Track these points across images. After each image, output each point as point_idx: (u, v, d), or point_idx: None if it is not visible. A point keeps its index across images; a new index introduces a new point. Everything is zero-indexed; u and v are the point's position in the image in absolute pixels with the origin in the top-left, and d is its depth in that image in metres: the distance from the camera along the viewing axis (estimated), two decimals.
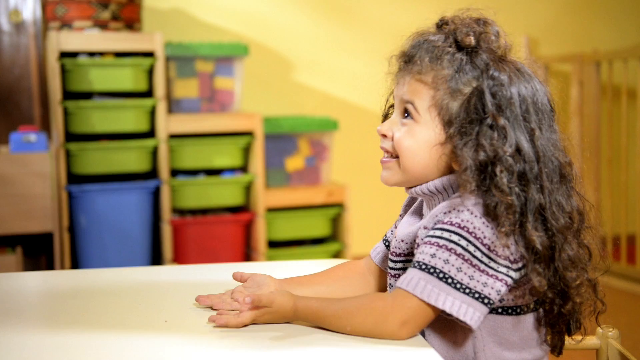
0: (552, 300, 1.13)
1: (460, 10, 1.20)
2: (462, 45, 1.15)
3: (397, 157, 1.19)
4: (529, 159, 1.11)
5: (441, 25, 1.19)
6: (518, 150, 1.11)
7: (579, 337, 1.20)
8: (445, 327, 1.13)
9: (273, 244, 3.57)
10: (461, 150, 1.11)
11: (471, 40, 1.15)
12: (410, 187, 1.21)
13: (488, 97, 1.12)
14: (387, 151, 1.21)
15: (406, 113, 1.18)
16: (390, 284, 1.25)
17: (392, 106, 1.25)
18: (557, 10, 4.46)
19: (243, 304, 1.15)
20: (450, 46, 1.15)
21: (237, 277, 1.30)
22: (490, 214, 1.08)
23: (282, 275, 1.33)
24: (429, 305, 1.07)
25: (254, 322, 1.15)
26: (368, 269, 1.35)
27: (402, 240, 1.21)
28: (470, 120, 1.12)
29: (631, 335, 2.96)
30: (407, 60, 1.19)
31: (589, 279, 1.15)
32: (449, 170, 1.16)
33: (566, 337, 1.20)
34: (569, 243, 1.12)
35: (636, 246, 3.80)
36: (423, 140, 1.16)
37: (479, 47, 1.15)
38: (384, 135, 1.21)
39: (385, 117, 1.27)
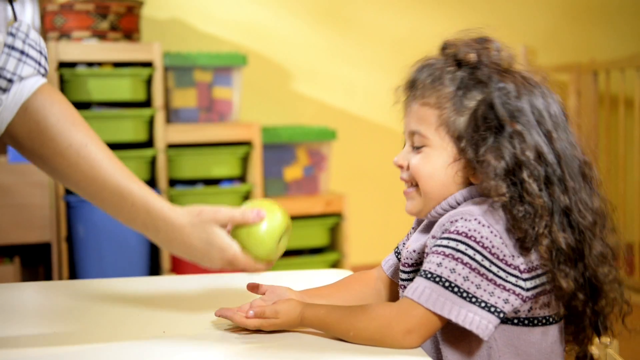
0: (584, 301, 1.13)
1: (461, 31, 1.21)
2: (464, 63, 1.16)
3: (417, 185, 1.20)
4: (550, 162, 1.11)
5: (444, 48, 1.20)
6: (538, 154, 1.11)
7: (608, 339, 1.20)
8: (459, 337, 1.12)
9: None
10: (483, 156, 1.11)
11: (472, 56, 1.16)
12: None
13: (499, 107, 1.12)
14: (406, 181, 1.21)
15: (416, 143, 1.19)
16: (402, 295, 1.24)
17: None
18: (554, 20, 4.47)
19: (247, 317, 1.15)
20: (451, 66, 1.16)
21: (251, 288, 1.28)
22: (518, 224, 1.08)
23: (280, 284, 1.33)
24: (434, 314, 1.07)
25: (260, 329, 1.15)
26: (379, 279, 1.35)
27: (414, 251, 1.21)
28: (481, 131, 1.12)
29: (630, 345, 2.96)
30: (411, 86, 1.20)
31: (618, 277, 1.15)
32: (466, 184, 1.17)
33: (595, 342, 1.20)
34: (597, 239, 1.13)
35: (634, 256, 3.80)
36: (438, 162, 1.16)
37: (481, 62, 1.16)
38: (400, 166, 1.21)
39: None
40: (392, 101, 1.23)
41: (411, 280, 1.21)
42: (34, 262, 3.42)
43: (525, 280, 1.08)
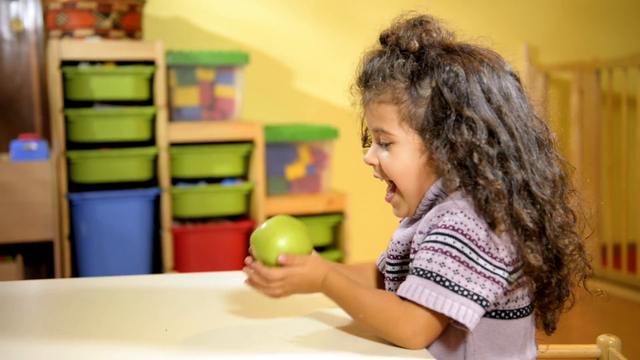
0: (549, 272, 1.14)
1: (395, 18, 1.20)
2: (409, 52, 1.15)
3: (393, 186, 1.20)
4: (503, 139, 1.11)
5: (384, 39, 1.19)
6: (491, 133, 1.11)
7: (569, 305, 1.20)
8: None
9: None
10: (435, 153, 1.12)
11: (414, 44, 1.15)
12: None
13: (446, 92, 1.12)
14: (380, 178, 1.21)
15: (382, 140, 1.19)
16: (389, 287, 1.25)
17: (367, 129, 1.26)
18: (557, 19, 4.47)
19: (278, 261, 1.13)
20: (397, 58, 1.16)
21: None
22: (483, 208, 1.08)
23: None
24: (437, 315, 1.08)
25: (282, 293, 1.14)
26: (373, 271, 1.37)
27: (398, 242, 1.22)
28: (436, 121, 1.13)
29: (632, 343, 2.96)
30: (364, 84, 1.20)
31: (579, 243, 1.15)
32: (439, 176, 1.17)
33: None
34: (557, 210, 1.12)
35: (637, 254, 3.79)
36: (407, 157, 1.17)
37: (424, 47, 1.15)
38: (372, 164, 1.21)
39: (365, 139, 1.28)
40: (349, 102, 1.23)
41: (397, 272, 1.23)
42: (37, 260, 3.42)
43: (510, 273, 1.09)
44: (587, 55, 4.34)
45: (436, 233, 1.10)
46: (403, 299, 1.09)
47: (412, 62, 1.15)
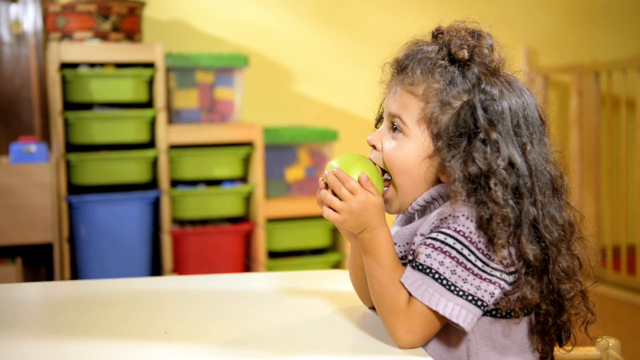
0: (546, 312, 1.14)
1: (457, 21, 1.20)
2: (455, 58, 1.15)
3: (389, 181, 1.20)
4: (522, 173, 1.12)
5: (437, 35, 1.20)
6: (511, 164, 1.11)
7: (569, 347, 1.20)
8: (439, 331, 1.13)
9: (273, 255, 3.57)
10: (449, 162, 1.12)
11: (464, 53, 1.15)
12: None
13: (480, 112, 1.12)
14: (374, 162, 1.21)
15: (394, 126, 1.19)
16: None
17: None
18: (556, 21, 4.47)
19: (360, 181, 1.14)
20: (443, 58, 1.16)
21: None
22: (484, 226, 1.09)
23: (282, 287, 1.33)
24: (435, 314, 1.08)
25: (342, 209, 1.13)
26: None
27: (395, 243, 1.21)
28: (459, 133, 1.13)
29: (631, 345, 2.96)
30: (400, 70, 1.20)
31: (582, 290, 1.16)
32: (437, 182, 1.17)
33: (556, 347, 1.20)
34: (562, 255, 1.13)
35: (636, 256, 3.79)
36: (412, 154, 1.17)
37: (472, 60, 1.16)
38: (373, 146, 1.21)
39: (378, 120, 1.27)
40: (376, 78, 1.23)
41: None
42: (36, 263, 3.42)
43: (509, 274, 1.10)
44: (587, 58, 4.35)
45: (437, 232, 1.11)
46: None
47: (455, 69, 1.15)
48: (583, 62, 4.17)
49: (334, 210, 1.14)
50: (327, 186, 1.17)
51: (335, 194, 1.14)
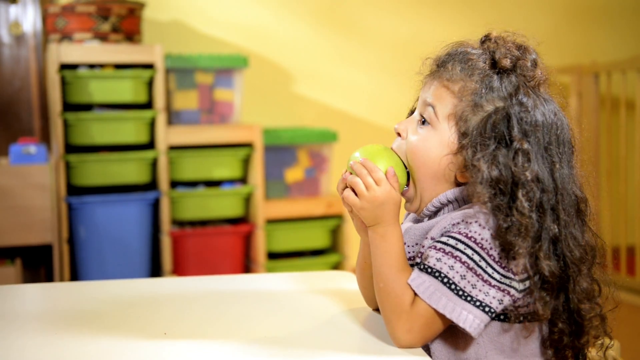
0: (561, 330, 1.14)
1: (506, 31, 1.22)
2: (497, 65, 1.16)
3: (408, 181, 1.20)
4: (547, 189, 1.12)
5: (484, 40, 1.21)
6: (537, 178, 1.11)
7: None
8: (447, 332, 1.14)
9: (272, 256, 3.57)
10: (477, 161, 1.12)
11: (507, 62, 1.17)
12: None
13: (515, 121, 1.13)
14: (394, 151, 1.21)
15: (423, 120, 1.19)
16: None
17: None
18: (555, 22, 4.47)
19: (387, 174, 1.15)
20: (484, 62, 1.17)
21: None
22: (501, 234, 1.08)
23: (281, 288, 1.33)
24: (437, 315, 1.08)
25: (364, 196, 1.13)
26: None
27: (405, 243, 1.21)
28: (488, 136, 1.13)
29: (631, 346, 2.96)
30: (440, 65, 1.21)
31: (601, 314, 1.16)
32: (455, 183, 1.17)
33: None
34: (583, 276, 1.13)
35: (636, 257, 3.80)
36: (436, 147, 1.17)
37: (513, 71, 1.17)
38: (399, 134, 1.22)
39: (411, 113, 1.28)
40: (418, 72, 1.23)
41: None
42: (36, 264, 3.42)
43: (518, 282, 1.10)
44: (586, 59, 4.35)
45: (448, 236, 1.11)
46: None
47: (494, 74, 1.16)
48: (582, 63, 4.17)
49: (355, 195, 1.14)
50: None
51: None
